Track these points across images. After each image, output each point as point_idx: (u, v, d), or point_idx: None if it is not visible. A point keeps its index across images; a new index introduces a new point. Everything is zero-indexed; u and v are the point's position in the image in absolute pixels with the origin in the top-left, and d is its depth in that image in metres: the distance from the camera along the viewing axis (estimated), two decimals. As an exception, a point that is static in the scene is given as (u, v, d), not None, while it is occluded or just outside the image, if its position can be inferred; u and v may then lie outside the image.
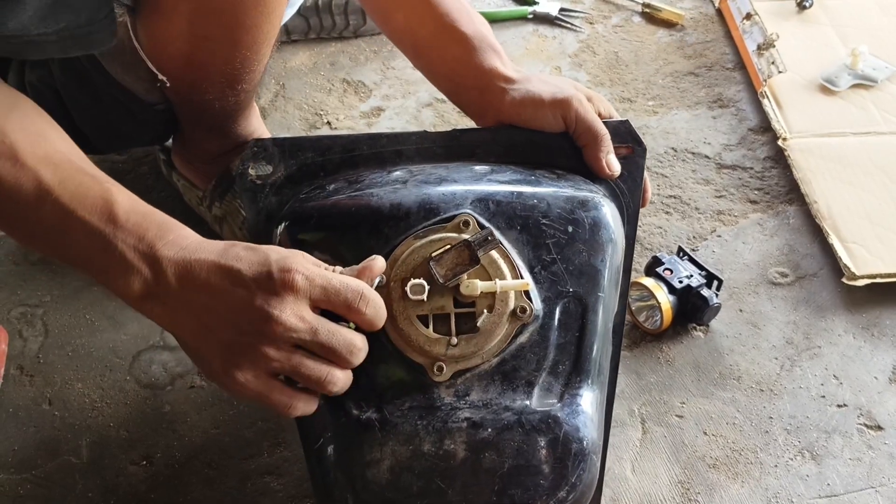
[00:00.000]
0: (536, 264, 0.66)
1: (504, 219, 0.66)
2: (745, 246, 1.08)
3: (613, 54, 1.38)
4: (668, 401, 0.92)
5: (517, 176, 0.71)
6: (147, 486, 0.85)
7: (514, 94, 0.78)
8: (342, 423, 0.65)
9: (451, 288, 0.64)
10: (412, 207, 0.67)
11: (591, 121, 0.75)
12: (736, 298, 1.02)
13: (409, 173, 0.72)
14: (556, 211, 0.67)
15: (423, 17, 0.82)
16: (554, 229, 0.67)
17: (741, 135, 1.23)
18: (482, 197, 0.67)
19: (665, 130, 1.24)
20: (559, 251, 0.67)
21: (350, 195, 0.69)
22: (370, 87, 1.32)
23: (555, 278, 0.66)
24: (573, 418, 0.65)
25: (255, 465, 0.87)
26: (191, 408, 0.91)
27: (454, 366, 0.65)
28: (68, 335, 0.98)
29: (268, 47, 0.87)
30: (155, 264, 0.60)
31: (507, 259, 0.65)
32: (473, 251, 0.63)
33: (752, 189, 1.15)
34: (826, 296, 1.02)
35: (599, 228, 0.68)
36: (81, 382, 0.94)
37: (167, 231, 0.62)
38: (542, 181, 0.71)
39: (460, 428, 0.64)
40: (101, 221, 0.61)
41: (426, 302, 0.64)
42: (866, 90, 1.25)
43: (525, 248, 0.66)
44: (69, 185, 0.61)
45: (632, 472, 0.86)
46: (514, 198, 0.67)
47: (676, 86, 1.32)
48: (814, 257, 1.06)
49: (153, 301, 0.61)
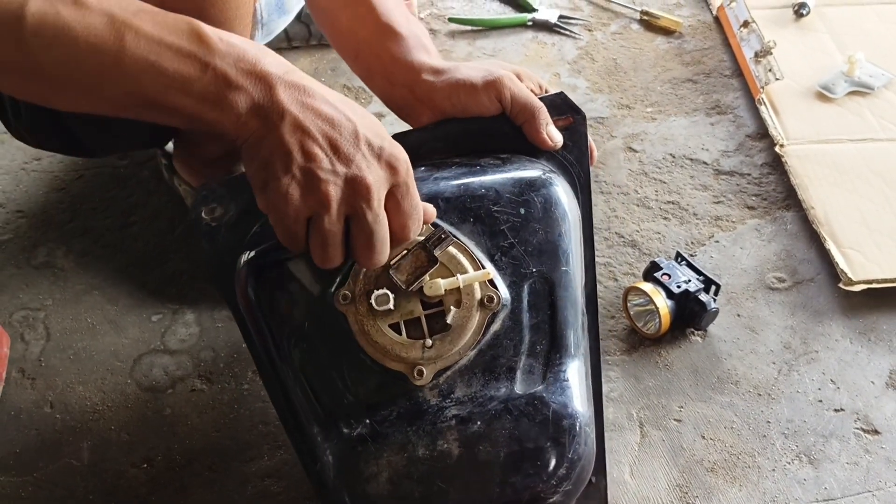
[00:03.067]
0: (496, 252, 0.67)
1: (456, 213, 0.67)
2: (743, 251, 1.09)
3: (612, 61, 1.39)
4: (667, 405, 0.92)
5: (462, 170, 0.71)
6: (148, 489, 0.86)
7: (443, 83, 0.77)
8: (335, 444, 0.66)
9: (416, 291, 0.64)
10: None
11: (526, 97, 0.75)
12: (734, 303, 1.02)
13: None
14: (506, 196, 0.68)
15: (364, 17, 0.82)
16: (507, 214, 0.68)
17: (739, 141, 1.24)
18: (430, 197, 0.67)
19: (663, 137, 1.25)
20: (515, 234, 0.67)
21: None
22: (370, 93, 1.33)
23: (516, 262, 0.67)
24: (559, 395, 0.66)
25: (255, 468, 0.87)
26: (191, 411, 0.92)
27: (433, 366, 0.65)
28: (70, 339, 0.99)
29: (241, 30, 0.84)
30: (265, 81, 0.57)
31: (465, 252, 0.66)
32: (430, 251, 0.63)
33: (749, 195, 1.16)
34: (823, 301, 1.02)
35: (551, 205, 0.69)
36: (83, 385, 0.94)
37: (265, 52, 0.59)
38: (488, 169, 0.71)
39: (450, 426, 0.64)
40: (192, 44, 0.57)
41: (395, 310, 0.64)
42: (863, 97, 1.26)
43: (482, 238, 0.67)
44: (145, 16, 0.57)
45: (630, 476, 0.86)
46: (462, 191, 0.68)
47: (675, 92, 1.33)
48: (811, 262, 1.07)
49: (259, 118, 0.58)
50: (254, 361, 0.71)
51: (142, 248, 1.09)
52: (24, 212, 1.14)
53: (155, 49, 0.56)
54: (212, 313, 1.01)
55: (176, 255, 1.08)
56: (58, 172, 1.19)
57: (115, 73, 0.57)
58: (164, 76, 0.57)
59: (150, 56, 0.56)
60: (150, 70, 0.56)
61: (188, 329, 1.00)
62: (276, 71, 0.58)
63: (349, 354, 0.66)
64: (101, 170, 1.19)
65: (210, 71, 0.57)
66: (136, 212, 1.13)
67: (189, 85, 0.57)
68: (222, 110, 0.57)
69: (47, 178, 1.18)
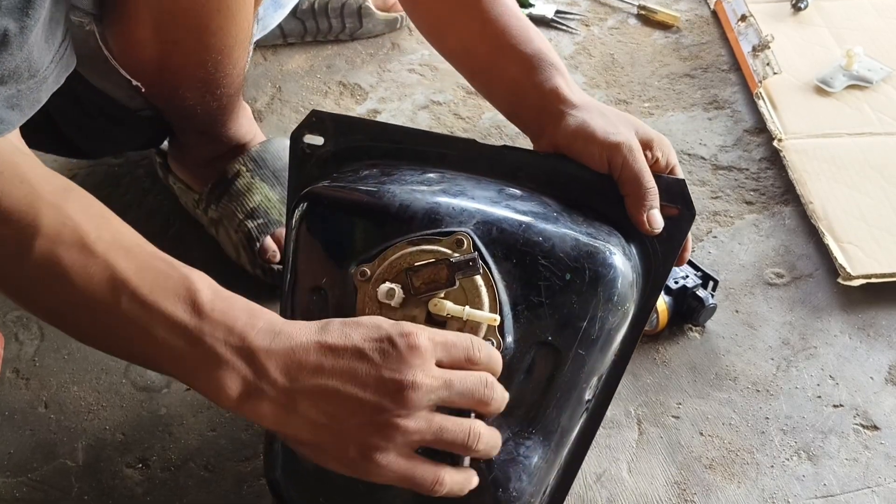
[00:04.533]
0: (522, 302, 0.63)
1: (503, 247, 0.64)
2: (741, 247, 1.08)
3: (609, 56, 1.38)
4: (665, 402, 0.92)
5: (538, 208, 0.68)
6: (143, 489, 0.85)
7: (570, 120, 0.73)
8: None
9: (424, 301, 0.63)
10: (418, 213, 0.65)
11: (638, 171, 0.69)
12: (732, 299, 1.02)
13: (441, 178, 0.71)
14: (559, 254, 0.63)
15: (477, 38, 0.79)
16: (551, 272, 0.63)
17: (737, 136, 1.23)
18: (488, 220, 0.64)
19: (661, 132, 1.23)
20: (549, 296, 0.63)
21: (370, 186, 0.69)
22: (366, 89, 1.32)
23: (536, 322, 0.63)
24: (508, 466, 0.63)
25: (251, 468, 0.86)
26: (187, 410, 0.91)
27: None
28: (64, 339, 0.98)
29: (240, 50, 0.86)
30: (252, 358, 0.55)
31: (490, 289, 0.63)
32: (452, 272, 0.61)
33: (747, 190, 1.15)
34: (822, 296, 1.02)
35: (600, 284, 0.63)
36: (77, 385, 0.94)
37: (256, 318, 0.57)
38: (561, 220, 0.66)
39: None
40: (185, 313, 0.55)
41: (399, 308, 0.63)
42: (861, 91, 1.25)
43: (515, 283, 0.63)
44: (146, 274, 0.56)
45: (628, 473, 0.86)
46: (520, 229, 0.64)
47: (672, 87, 1.32)
48: (809, 258, 1.06)
49: (257, 400, 0.56)
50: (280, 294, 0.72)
51: (137, 247, 1.08)
52: (18, 211, 1.13)
53: (148, 316, 0.55)
54: (207, 312, 1.00)
55: (170, 253, 1.06)
56: (52, 171, 1.18)
57: (106, 329, 0.57)
58: (154, 345, 0.56)
59: (142, 321, 0.55)
60: (142, 336, 0.56)
61: (183, 328, 0.99)
62: (262, 344, 0.56)
63: None
64: (95, 168, 1.18)
65: (200, 347, 0.55)
66: (131, 211, 1.12)
67: (176, 362, 0.57)
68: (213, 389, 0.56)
69: (42, 177, 1.17)
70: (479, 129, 1.24)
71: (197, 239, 1.07)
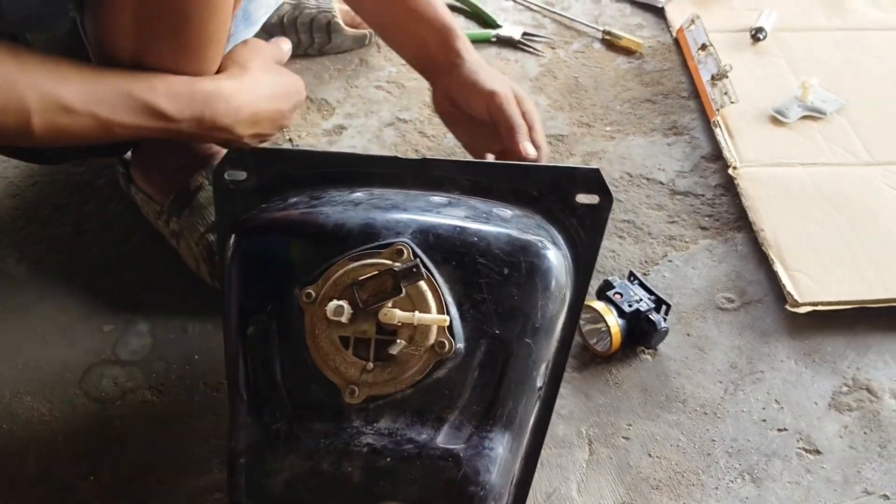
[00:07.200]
0: (466, 302, 0.66)
1: (441, 252, 0.67)
2: (695, 271, 1.11)
3: (573, 79, 1.41)
4: (616, 422, 0.94)
5: (468, 212, 0.71)
6: (97, 502, 0.85)
7: (461, 72, 0.94)
8: (254, 429, 0.66)
9: (373, 314, 0.65)
10: (354, 230, 0.67)
11: (511, 113, 0.88)
12: (684, 323, 1.04)
13: (370, 195, 0.73)
14: (495, 251, 0.67)
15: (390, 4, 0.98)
16: (489, 269, 0.66)
17: (694, 162, 1.26)
18: (424, 228, 0.67)
19: (621, 156, 1.27)
20: (491, 291, 0.66)
21: (302, 210, 0.71)
22: (333, 105, 1.33)
23: (482, 318, 0.66)
24: (476, 460, 0.64)
25: (204, 483, 0.87)
26: (141, 423, 0.91)
27: (367, 390, 0.65)
28: (19, 348, 0.98)
29: (215, 49, 0.87)
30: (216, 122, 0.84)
31: (435, 293, 0.65)
32: (397, 280, 0.63)
33: (703, 216, 1.18)
34: (770, 322, 1.05)
35: (536, 274, 0.67)
36: (30, 396, 0.93)
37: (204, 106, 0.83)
38: (492, 220, 0.70)
39: (360, 452, 0.64)
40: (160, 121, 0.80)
41: (349, 324, 0.65)
42: (815, 122, 1.29)
43: (457, 284, 0.66)
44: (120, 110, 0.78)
45: (577, 493, 0.87)
46: (455, 233, 0.67)
47: (634, 112, 1.35)
48: (759, 284, 1.09)
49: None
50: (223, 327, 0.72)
51: (96, 257, 1.08)
52: (-24, 217, 1.13)
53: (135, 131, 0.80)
54: (165, 325, 1.00)
55: (131, 264, 1.07)
56: (12, 178, 1.18)
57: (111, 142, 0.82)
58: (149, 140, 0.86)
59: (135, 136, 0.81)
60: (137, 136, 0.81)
61: (141, 340, 0.99)
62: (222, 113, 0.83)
63: (295, 351, 0.67)
64: (56, 177, 1.17)
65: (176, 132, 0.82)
66: (91, 220, 1.12)
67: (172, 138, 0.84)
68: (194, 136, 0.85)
69: (2, 184, 1.17)
70: (443, 147, 1.26)
71: (158, 250, 1.07)
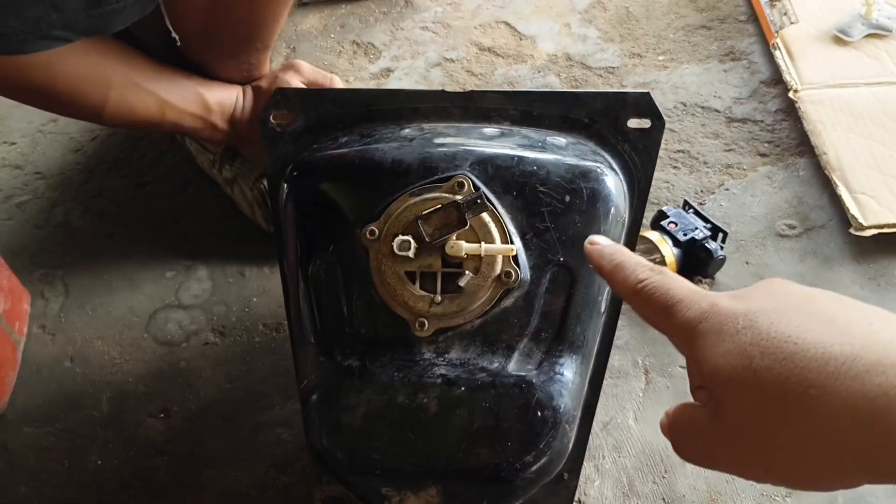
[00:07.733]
0: (529, 231, 0.66)
1: (501, 183, 0.66)
2: (754, 199, 1.08)
3: (624, 9, 1.37)
4: (672, 352, 0.93)
5: (524, 141, 0.70)
6: (165, 438, 0.89)
7: None
8: (325, 367, 0.67)
9: (439, 247, 0.64)
10: (412, 165, 0.67)
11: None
12: (742, 251, 1.02)
13: (420, 131, 0.72)
14: (555, 179, 0.66)
15: None
16: (551, 197, 0.66)
17: (752, 88, 1.22)
18: (482, 159, 0.66)
19: (675, 85, 1.23)
20: (554, 220, 0.66)
21: (356, 148, 0.70)
22: (380, 48, 1.33)
23: (546, 246, 0.66)
24: (548, 385, 0.65)
25: (267, 418, 0.89)
26: (206, 363, 0.94)
27: (436, 323, 0.65)
28: (88, 295, 1.01)
29: (284, 7, 0.88)
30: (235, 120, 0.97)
31: (498, 223, 0.65)
32: (462, 213, 0.63)
33: (762, 142, 1.14)
34: (833, 247, 1.01)
35: (598, 200, 0.66)
36: (101, 340, 0.97)
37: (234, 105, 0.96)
38: (548, 148, 0.69)
39: (434, 384, 0.65)
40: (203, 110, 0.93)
41: (415, 259, 0.64)
42: (880, 40, 1.23)
43: (519, 214, 0.66)
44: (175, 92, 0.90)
45: (634, 421, 0.87)
46: (514, 163, 0.66)
47: (688, 40, 1.31)
48: (823, 209, 1.06)
49: None
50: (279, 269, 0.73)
51: (156, 207, 1.11)
52: (41, 173, 1.17)
53: (181, 115, 0.92)
54: (223, 269, 1.03)
55: (188, 213, 1.10)
56: (73, 134, 1.21)
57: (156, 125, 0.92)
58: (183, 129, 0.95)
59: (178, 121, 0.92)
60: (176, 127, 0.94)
61: (201, 285, 1.02)
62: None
63: (361, 288, 0.67)
64: (115, 131, 1.20)
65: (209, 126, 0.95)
66: (150, 172, 1.15)
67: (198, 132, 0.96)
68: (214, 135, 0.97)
69: (63, 140, 1.20)
70: (491, 84, 1.24)
71: (213, 197, 1.10)
